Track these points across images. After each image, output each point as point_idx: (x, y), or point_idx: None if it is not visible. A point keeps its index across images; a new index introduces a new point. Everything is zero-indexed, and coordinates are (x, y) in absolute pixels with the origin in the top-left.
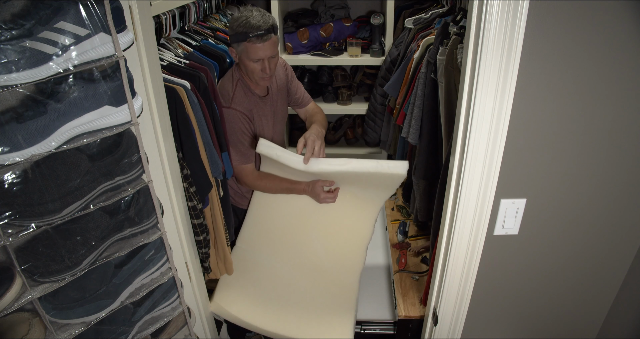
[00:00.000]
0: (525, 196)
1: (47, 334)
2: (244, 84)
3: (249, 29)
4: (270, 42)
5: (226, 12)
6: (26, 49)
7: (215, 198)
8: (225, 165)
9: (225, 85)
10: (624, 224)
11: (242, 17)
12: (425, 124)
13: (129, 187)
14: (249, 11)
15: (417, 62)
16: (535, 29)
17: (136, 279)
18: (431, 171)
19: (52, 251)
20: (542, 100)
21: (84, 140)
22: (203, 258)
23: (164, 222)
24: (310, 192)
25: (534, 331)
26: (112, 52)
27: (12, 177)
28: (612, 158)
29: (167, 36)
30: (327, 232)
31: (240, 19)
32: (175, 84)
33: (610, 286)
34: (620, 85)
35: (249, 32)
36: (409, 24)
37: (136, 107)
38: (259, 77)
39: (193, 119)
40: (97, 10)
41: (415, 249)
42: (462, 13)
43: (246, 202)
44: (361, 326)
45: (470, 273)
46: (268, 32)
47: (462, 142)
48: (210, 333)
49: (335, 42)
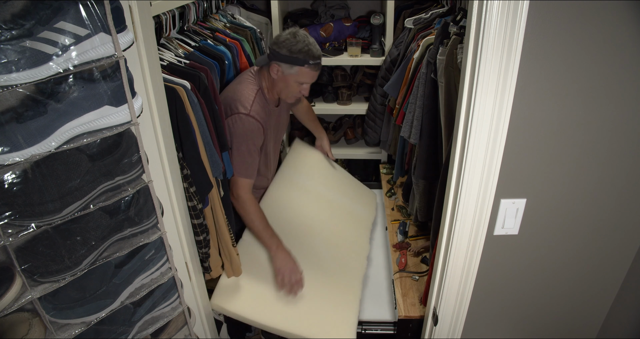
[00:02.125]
0: (525, 196)
1: (47, 334)
2: (262, 94)
3: (310, 57)
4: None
5: (226, 12)
6: (26, 49)
7: (217, 198)
8: (226, 165)
9: (243, 91)
10: (624, 224)
11: (302, 43)
12: (425, 124)
13: (129, 187)
14: (304, 37)
15: (417, 62)
16: (535, 29)
17: (136, 279)
18: (431, 171)
19: (52, 251)
20: (542, 100)
21: (84, 140)
22: (203, 258)
23: (164, 222)
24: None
25: (534, 331)
26: (112, 52)
27: (12, 177)
28: (612, 158)
29: (167, 36)
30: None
31: (300, 44)
32: (175, 84)
33: (610, 286)
34: (621, 85)
35: (309, 60)
36: (409, 24)
37: (136, 107)
38: (291, 96)
39: (193, 119)
40: (97, 10)
41: (415, 249)
42: (462, 13)
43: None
44: (362, 326)
45: (470, 273)
46: (321, 62)
47: (462, 142)
48: (210, 333)
49: (335, 42)
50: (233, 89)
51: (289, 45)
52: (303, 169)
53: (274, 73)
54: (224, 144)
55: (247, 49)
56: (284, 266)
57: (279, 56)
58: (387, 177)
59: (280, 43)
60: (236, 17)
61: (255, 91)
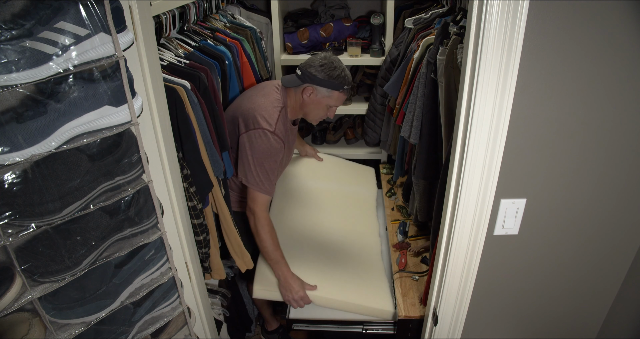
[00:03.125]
0: (525, 196)
1: (47, 334)
2: (285, 113)
3: (346, 83)
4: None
5: (226, 12)
6: (26, 49)
7: (220, 197)
8: (226, 165)
9: (268, 107)
10: (624, 224)
11: (339, 69)
12: (425, 124)
13: (129, 187)
14: (339, 62)
15: (417, 62)
16: (535, 29)
17: (136, 279)
18: (431, 171)
19: (52, 251)
20: (542, 100)
21: (84, 140)
22: (203, 258)
23: (164, 222)
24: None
25: (534, 331)
26: (112, 52)
27: (12, 177)
28: (612, 158)
29: (167, 36)
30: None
31: (338, 70)
32: (175, 84)
33: (610, 286)
34: (620, 85)
35: (345, 85)
36: (409, 24)
37: (136, 107)
38: (317, 118)
39: (193, 119)
40: (97, 10)
41: (415, 249)
42: (462, 13)
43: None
44: (363, 326)
45: (470, 273)
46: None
47: (462, 142)
48: (210, 333)
49: (335, 42)
50: (256, 101)
51: (328, 70)
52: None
53: (307, 95)
54: (224, 143)
55: (247, 49)
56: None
57: (316, 80)
58: (387, 177)
59: (317, 67)
60: (236, 17)
61: (280, 108)
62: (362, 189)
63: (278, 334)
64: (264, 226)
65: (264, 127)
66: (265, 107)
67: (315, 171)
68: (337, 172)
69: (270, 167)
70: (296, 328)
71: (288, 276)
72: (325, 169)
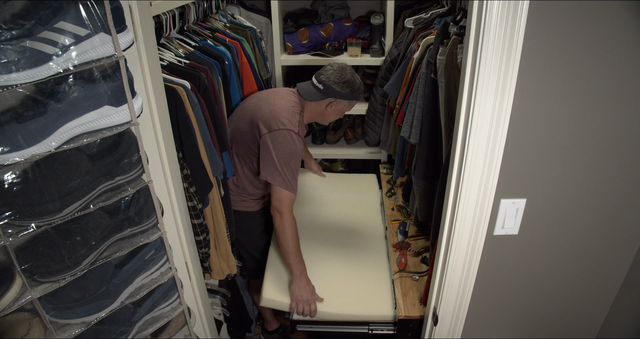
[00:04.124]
0: (525, 196)
1: (47, 334)
2: (302, 117)
3: (361, 91)
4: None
5: (226, 12)
6: (26, 49)
7: (217, 198)
8: (226, 164)
9: (289, 109)
10: (624, 224)
11: (358, 81)
12: (425, 124)
13: (129, 187)
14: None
15: (417, 62)
16: (535, 29)
17: (136, 279)
18: (431, 171)
19: (52, 251)
20: (542, 100)
21: (84, 140)
22: (203, 258)
23: (164, 222)
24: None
25: (534, 331)
26: (112, 52)
27: (12, 177)
28: (612, 158)
29: (167, 36)
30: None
31: (357, 83)
32: (175, 84)
33: (610, 286)
34: (620, 85)
35: (359, 94)
36: (409, 24)
37: (136, 107)
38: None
39: (193, 119)
40: (97, 10)
41: (415, 249)
42: (462, 13)
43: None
44: (369, 327)
45: (470, 273)
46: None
47: (462, 142)
48: (210, 333)
49: (335, 42)
50: (277, 103)
51: (351, 84)
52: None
53: (330, 107)
54: (224, 144)
55: (247, 49)
56: (300, 295)
57: (342, 95)
58: (387, 177)
59: (341, 84)
60: (236, 17)
61: (299, 112)
62: (365, 195)
63: (278, 335)
64: (292, 226)
65: (288, 128)
66: (287, 108)
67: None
68: (340, 181)
69: (296, 167)
70: (300, 329)
71: (305, 278)
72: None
